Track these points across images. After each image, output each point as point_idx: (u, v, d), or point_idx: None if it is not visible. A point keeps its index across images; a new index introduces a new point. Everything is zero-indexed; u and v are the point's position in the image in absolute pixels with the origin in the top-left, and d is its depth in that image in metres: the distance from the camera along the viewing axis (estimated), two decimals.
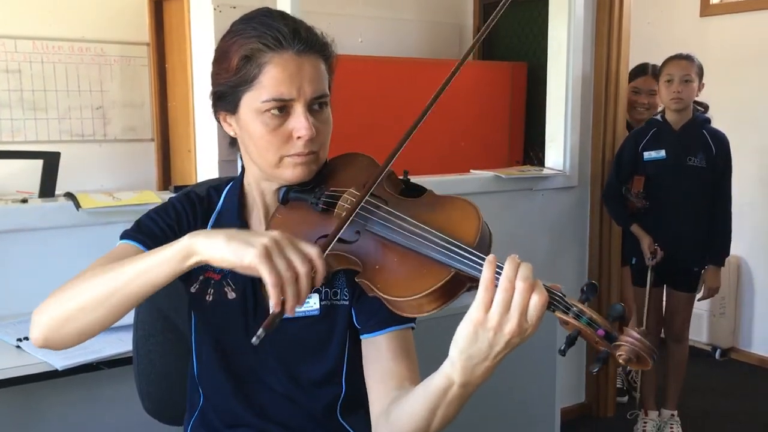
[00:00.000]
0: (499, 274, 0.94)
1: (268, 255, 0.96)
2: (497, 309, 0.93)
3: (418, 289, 1.01)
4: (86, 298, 1.06)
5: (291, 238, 1.01)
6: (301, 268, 0.98)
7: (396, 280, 1.05)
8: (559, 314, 0.95)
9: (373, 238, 1.11)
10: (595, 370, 0.93)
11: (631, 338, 0.93)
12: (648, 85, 3.42)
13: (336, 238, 1.08)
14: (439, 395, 1.02)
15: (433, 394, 1.03)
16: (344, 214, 1.11)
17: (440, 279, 1.00)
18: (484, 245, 1.04)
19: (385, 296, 1.05)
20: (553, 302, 0.95)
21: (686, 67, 2.97)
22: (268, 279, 0.96)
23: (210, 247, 1.00)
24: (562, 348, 0.95)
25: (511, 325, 0.93)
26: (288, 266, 0.97)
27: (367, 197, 1.12)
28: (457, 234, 1.04)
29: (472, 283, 0.99)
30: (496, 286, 0.94)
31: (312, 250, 1.00)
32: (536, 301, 0.92)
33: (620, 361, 0.93)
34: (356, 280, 1.10)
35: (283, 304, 0.97)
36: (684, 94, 2.97)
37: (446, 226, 1.06)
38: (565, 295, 0.96)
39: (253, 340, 0.96)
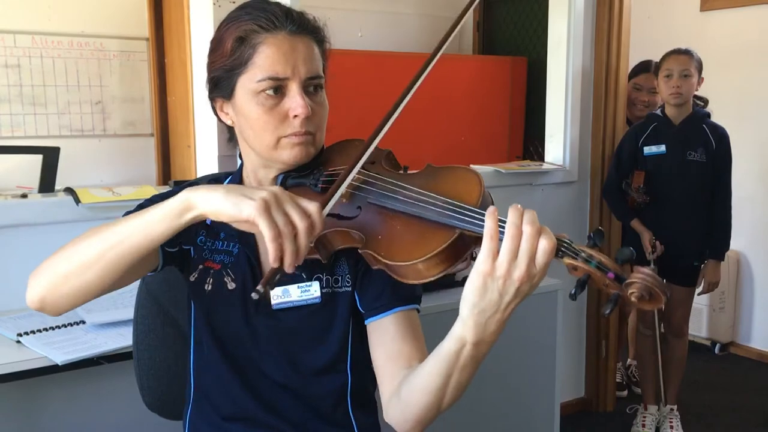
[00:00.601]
0: (503, 224, 0.94)
1: (266, 208, 0.96)
2: (506, 256, 0.92)
3: (423, 252, 1.00)
4: (84, 255, 1.06)
5: (290, 194, 1.01)
6: (300, 224, 0.98)
7: (400, 245, 1.05)
8: (568, 260, 0.94)
9: (375, 209, 1.11)
10: (608, 311, 0.92)
11: (642, 274, 0.91)
12: (649, 83, 3.41)
13: (339, 192, 1.08)
14: (452, 359, 1.01)
15: (446, 359, 1.02)
16: (340, 177, 1.10)
17: (446, 240, 1.00)
18: (486, 206, 1.04)
19: (390, 262, 1.04)
20: (562, 247, 0.94)
21: (685, 61, 2.97)
22: (266, 233, 0.95)
23: (208, 200, 1.00)
24: (573, 292, 0.94)
25: (520, 271, 0.92)
26: (286, 221, 0.97)
27: (366, 172, 1.12)
28: (459, 197, 1.03)
29: (477, 244, 0.99)
30: (501, 237, 0.93)
31: (311, 206, 1.00)
32: (545, 245, 0.92)
33: (633, 299, 0.91)
34: (359, 251, 1.09)
35: (281, 260, 0.97)
36: (683, 88, 2.97)
37: (448, 191, 1.06)
38: (572, 241, 0.95)
39: (252, 294, 0.97)
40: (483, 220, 0.96)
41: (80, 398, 2.08)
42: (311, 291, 1.24)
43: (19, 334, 1.81)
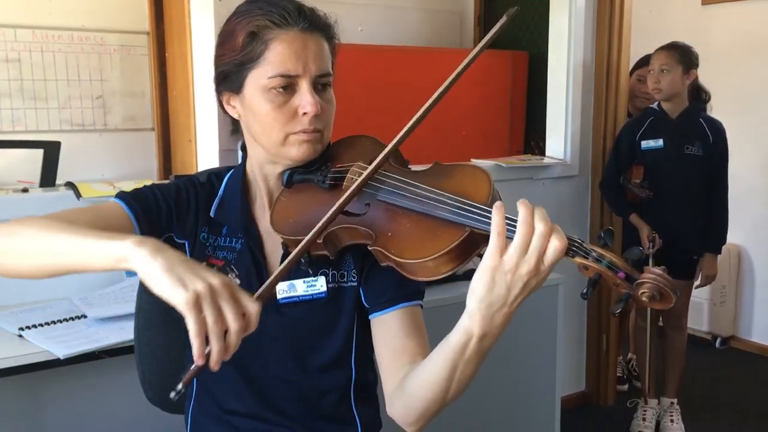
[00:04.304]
0: (510, 221, 0.94)
1: (197, 302, 0.89)
2: (515, 251, 0.92)
3: (433, 250, 1.01)
4: (28, 244, 1.03)
5: (233, 289, 0.93)
6: (233, 324, 0.90)
7: (410, 243, 1.05)
8: (579, 259, 0.95)
9: (384, 207, 1.11)
10: (617, 311, 0.95)
11: (653, 274, 0.92)
12: None
13: (329, 224, 1.08)
14: (458, 352, 1.01)
15: (452, 352, 1.02)
16: (353, 186, 1.11)
17: (456, 238, 1.00)
18: None
19: (400, 260, 1.04)
20: (573, 247, 0.95)
21: (663, 57, 3.00)
22: (190, 328, 0.89)
23: (146, 268, 0.92)
24: (585, 291, 0.95)
25: (528, 267, 0.93)
26: (217, 319, 0.89)
27: (375, 171, 1.12)
28: (469, 195, 1.03)
29: (486, 243, 0.98)
30: (509, 235, 0.93)
31: (251, 307, 0.92)
32: (556, 244, 0.92)
33: (643, 299, 0.92)
34: (369, 248, 1.09)
35: (207, 357, 0.90)
36: (662, 84, 2.99)
37: (457, 189, 1.06)
38: (583, 241, 0.96)
39: (171, 395, 0.94)
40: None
41: (82, 392, 2.08)
42: (317, 286, 1.24)
43: (21, 328, 1.81)
